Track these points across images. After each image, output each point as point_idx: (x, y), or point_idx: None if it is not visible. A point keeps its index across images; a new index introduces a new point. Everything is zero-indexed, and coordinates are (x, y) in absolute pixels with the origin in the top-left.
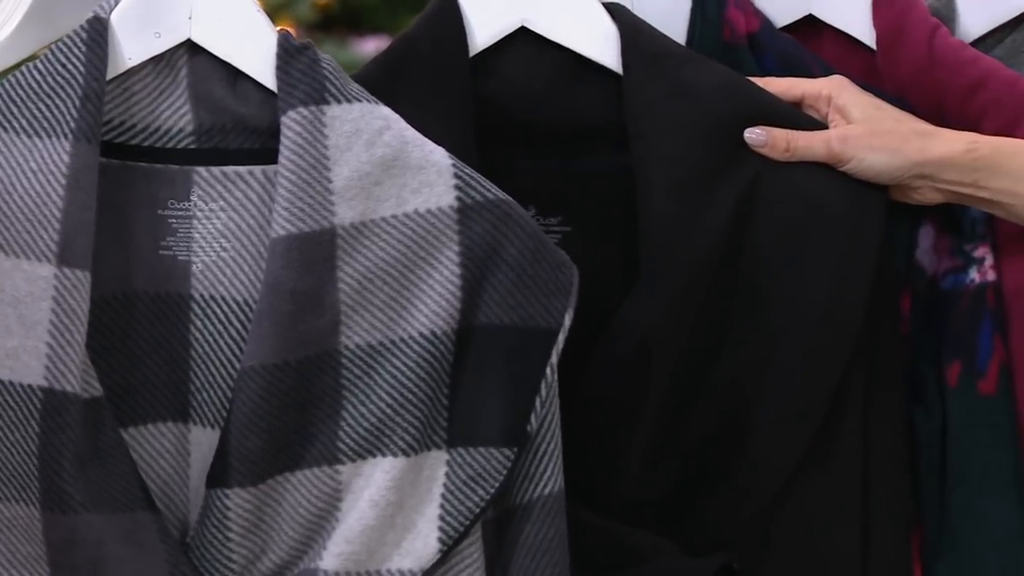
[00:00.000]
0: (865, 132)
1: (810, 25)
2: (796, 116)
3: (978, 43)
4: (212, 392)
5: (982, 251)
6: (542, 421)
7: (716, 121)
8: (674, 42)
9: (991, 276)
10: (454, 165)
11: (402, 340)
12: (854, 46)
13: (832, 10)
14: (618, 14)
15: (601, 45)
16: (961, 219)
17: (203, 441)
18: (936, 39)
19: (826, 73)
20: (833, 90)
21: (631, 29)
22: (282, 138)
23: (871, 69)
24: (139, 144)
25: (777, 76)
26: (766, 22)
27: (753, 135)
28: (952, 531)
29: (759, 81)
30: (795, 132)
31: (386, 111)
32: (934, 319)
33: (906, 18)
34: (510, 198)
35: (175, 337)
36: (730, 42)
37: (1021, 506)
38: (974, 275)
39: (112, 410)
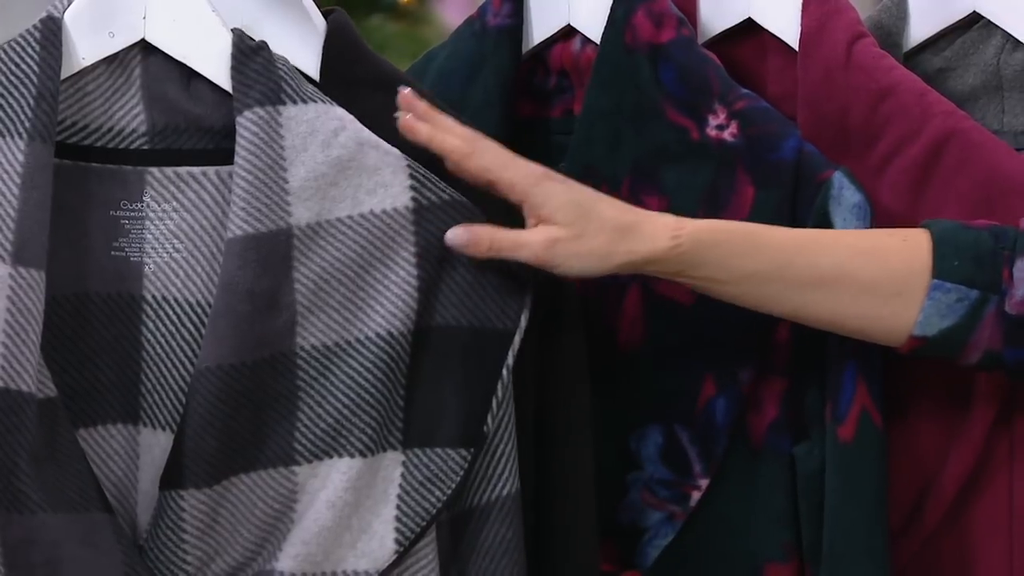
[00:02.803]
0: (571, 237)
1: (752, 31)
2: None
3: (928, 45)
4: (163, 394)
5: None
6: (498, 422)
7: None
8: (381, 66)
9: None
10: (409, 166)
11: (358, 341)
12: (791, 52)
13: (767, 15)
14: (336, 33)
15: (306, 62)
16: None
17: (153, 443)
18: (858, 44)
19: (724, 88)
20: (528, 188)
21: (339, 51)
22: (238, 138)
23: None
24: (92, 144)
25: (675, 86)
26: (684, 38)
27: (454, 236)
28: (822, 574)
29: (462, 147)
30: (498, 232)
31: (341, 112)
32: (820, 353)
33: (832, 20)
34: (465, 199)
35: (126, 338)
36: (630, 46)
37: (871, 559)
38: None
39: (65, 411)
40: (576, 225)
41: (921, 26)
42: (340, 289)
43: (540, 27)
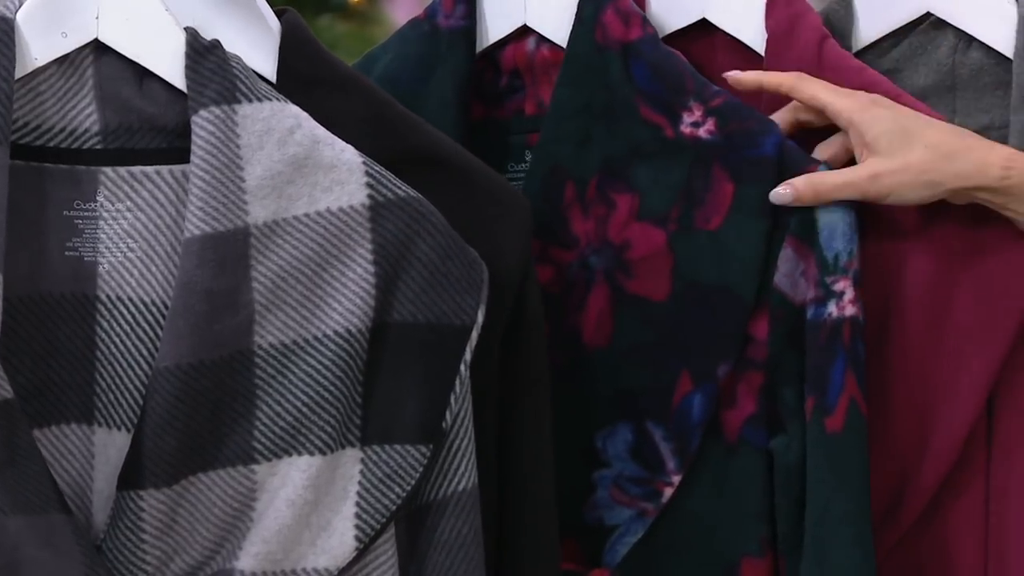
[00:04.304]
0: (896, 167)
1: (705, 30)
2: (446, 156)
3: (875, 46)
4: (119, 393)
5: (842, 285)
6: (456, 418)
7: None
8: (336, 66)
9: (849, 311)
10: (365, 163)
11: (316, 339)
12: (746, 52)
13: (725, 16)
14: (291, 33)
15: (261, 63)
16: (824, 250)
17: (108, 443)
18: (826, 44)
19: (699, 85)
20: (853, 114)
21: (294, 51)
22: (194, 137)
23: None
24: (44, 145)
25: (648, 83)
26: (650, 36)
27: (777, 194)
28: (804, 567)
29: (789, 77)
30: (818, 176)
31: (295, 110)
32: (801, 348)
33: (798, 21)
34: (421, 196)
35: (81, 338)
36: (601, 44)
37: (860, 548)
38: (832, 309)
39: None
40: (899, 154)
41: (870, 27)
42: (297, 287)
43: (494, 28)
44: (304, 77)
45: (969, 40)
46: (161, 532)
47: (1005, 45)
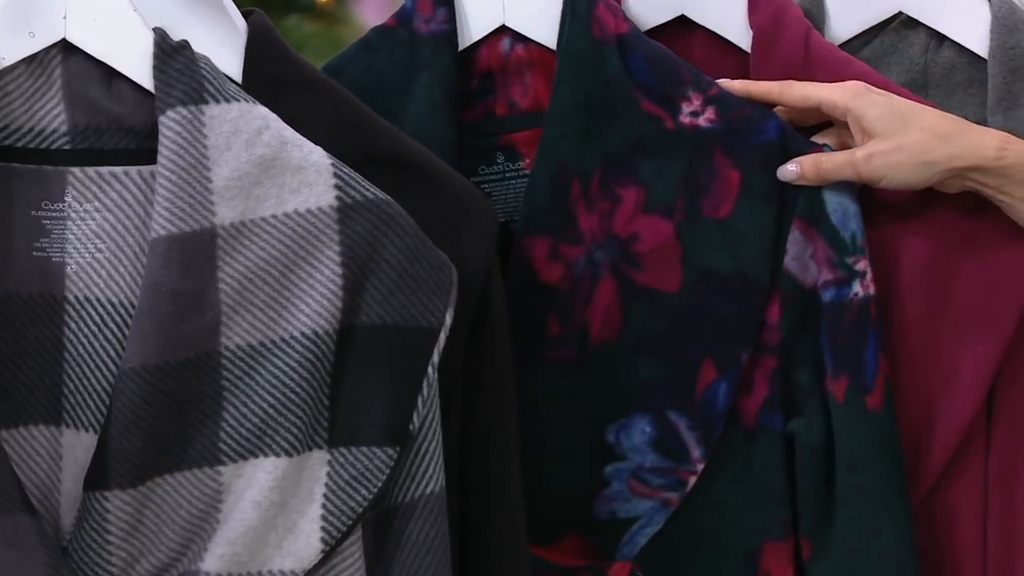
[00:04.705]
0: (891, 148)
1: (682, 26)
2: (410, 159)
3: (845, 45)
4: (86, 394)
5: (863, 264)
6: (424, 420)
7: None
8: (303, 68)
9: (872, 290)
10: (333, 165)
11: (283, 340)
12: (726, 48)
13: (705, 12)
14: (258, 34)
15: (228, 63)
16: (840, 231)
17: (76, 444)
18: (812, 37)
19: (693, 76)
20: (849, 101)
21: (261, 52)
22: (161, 138)
23: (743, 70)
24: (12, 145)
25: (645, 76)
26: (635, 28)
27: (783, 172)
28: (842, 546)
29: (776, 86)
30: (822, 155)
31: (264, 111)
32: (813, 330)
33: (783, 16)
34: (390, 198)
35: (48, 339)
36: (599, 39)
37: (908, 520)
38: (858, 288)
39: None
40: (895, 135)
41: (842, 25)
42: (265, 288)
43: (472, 29)
44: (270, 78)
45: (941, 39)
46: (127, 533)
47: (978, 44)
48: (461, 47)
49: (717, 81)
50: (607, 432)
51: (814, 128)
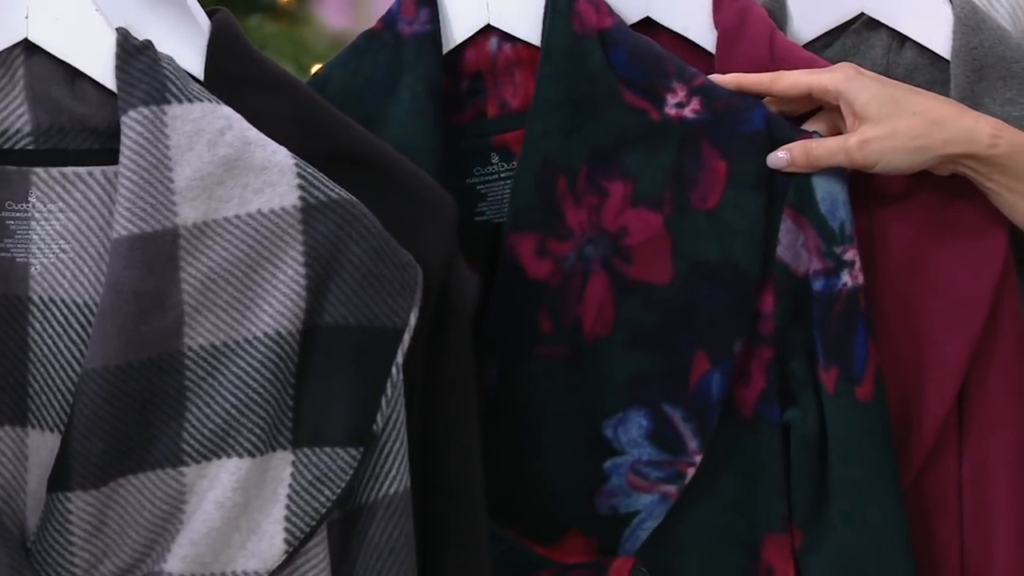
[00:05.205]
0: (885, 133)
1: (647, 28)
2: (371, 156)
3: (808, 47)
4: (52, 395)
5: (852, 254)
6: (388, 421)
7: None
8: (265, 66)
9: (861, 279)
10: (297, 165)
11: (246, 341)
12: (691, 49)
13: (670, 13)
14: (220, 32)
15: (189, 62)
16: (828, 220)
17: (41, 445)
18: (776, 37)
19: (678, 66)
20: (840, 84)
21: (223, 50)
22: (123, 138)
23: (707, 72)
24: None
25: (628, 69)
26: (619, 23)
27: (774, 159)
28: (834, 537)
29: (767, 76)
30: (812, 142)
31: (227, 111)
32: (806, 320)
33: (747, 16)
34: (354, 198)
35: (13, 339)
36: (579, 34)
37: (900, 511)
38: (846, 278)
39: None
40: (888, 120)
41: (805, 27)
42: (228, 289)
43: (457, 30)
44: (231, 76)
45: (903, 40)
46: (90, 534)
47: (940, 45)
48: (447, 48)
49: (710, 76)
50: (604, 427)
51: (803, 118)
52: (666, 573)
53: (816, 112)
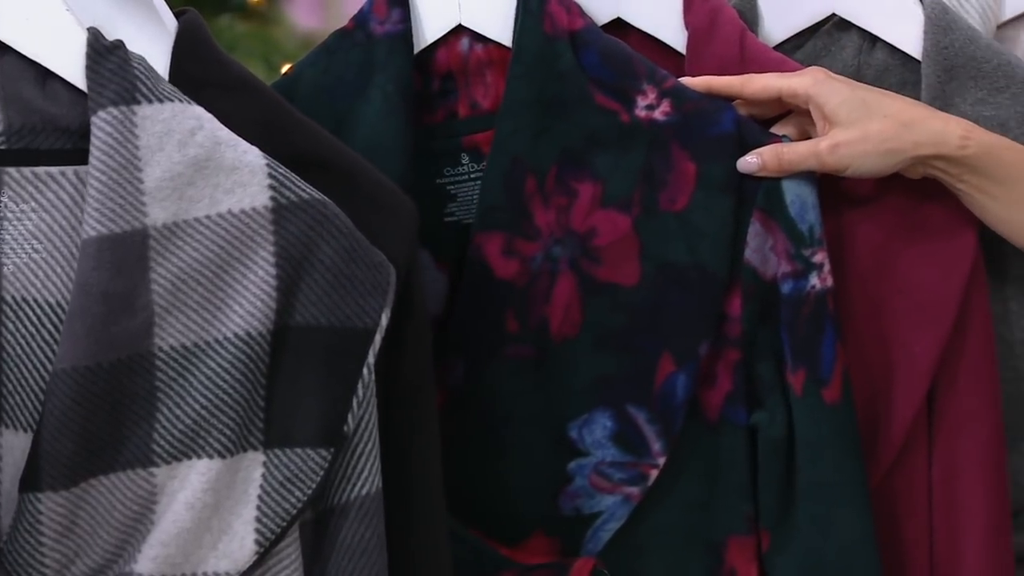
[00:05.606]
0: (855, 137)
1: (618, 28)
2: (330, 160)
3: (779, 48)
4: (25, 395)
5: (820, 256)
6: (359, 421)
7: None
8: (230, 68)
9: (830, 282)
10: (268, 165)
11: (217, 341)
12: (661, 50)
13: (641, 14)
14: (187, 33)
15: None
16: (797, 223)
17: (15, 445)
18: (746, 38)
19: (649, 68)
20: (810, 88)
21: (187, 52)
22: (92, 138)
23: (678, 73)
24: None
25: (599, 70)
26: (591, 23)
27: (744, 163)
28: (801, 539)
29: (737, 79)
30: (784, 146)
31: (198, 111)
32: (774, 323)
33: (718, 16)
34: (326, 198)
35: None
36: (551, 35)
37: (867, 514)
38: (815, 281)
39: None
40: (859, 124)
41: (776, 28)
42: (198, 289)
43: (428, 30)
44: (196, 79)
45: (874, 41)
46: (60, 535)
47: (911, 45)
48: (419, 48)
49: (680, 80)
50: (570, 428)
51: (773, 121)
52: (628, 574)
53: (786, 115)
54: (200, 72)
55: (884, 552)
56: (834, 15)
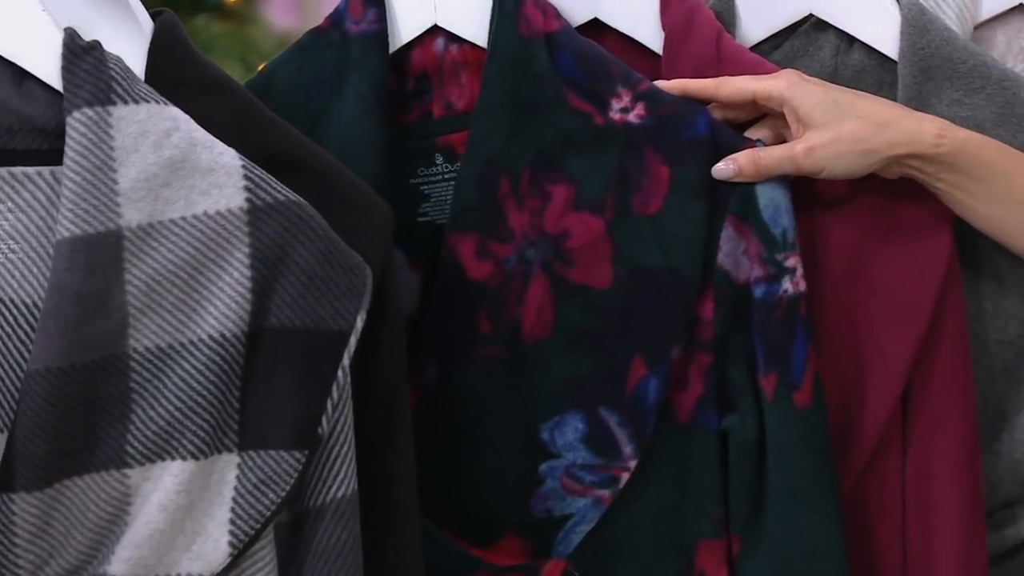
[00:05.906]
0: (830, 139)
1: (595, 29)
2: (304, 162)
3: (756, 48)
4: (1, 396)
5: (793, 261)
6: (334, 424)
7: None
8: (205, 69)
9: (803, 286)
10: (244, 167)
11: (191, 343)
12: (638, 50)
13: (618, 14)
14: (162, 34)
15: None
16: (770, 227)
17: None
18: (723, 39)
19: (624, 71)
20: (784, 91)
21: (163, 53)
22: (67, 139)
23: (655, 73)
24: None
25: (573, 72)
26: (567, 25)
27: (719, 170)
28: (771, 543)
29: (711, 82)
30: (760, 151)
31: (175, 112)
32: (746, 326)
33: (695, 16)
34: (302, 199)
35: None
36: (526, 36)
37: (837, 518)
38: (787, 285)
39: None
40: (833, 125)
41: (753, 28)
42: (173, 291)
43: (404, 30)
44: (170, 79)
45: (851, 41)
46: (34, 536)
47: (887, 46)
48: (394, 47)
49: (654, 83)
50: (541, 430)
51: (747, 124)
52: None
53: (760, 119)
54: (176, 73)
55: (857, 554)
56: (811, 16)
